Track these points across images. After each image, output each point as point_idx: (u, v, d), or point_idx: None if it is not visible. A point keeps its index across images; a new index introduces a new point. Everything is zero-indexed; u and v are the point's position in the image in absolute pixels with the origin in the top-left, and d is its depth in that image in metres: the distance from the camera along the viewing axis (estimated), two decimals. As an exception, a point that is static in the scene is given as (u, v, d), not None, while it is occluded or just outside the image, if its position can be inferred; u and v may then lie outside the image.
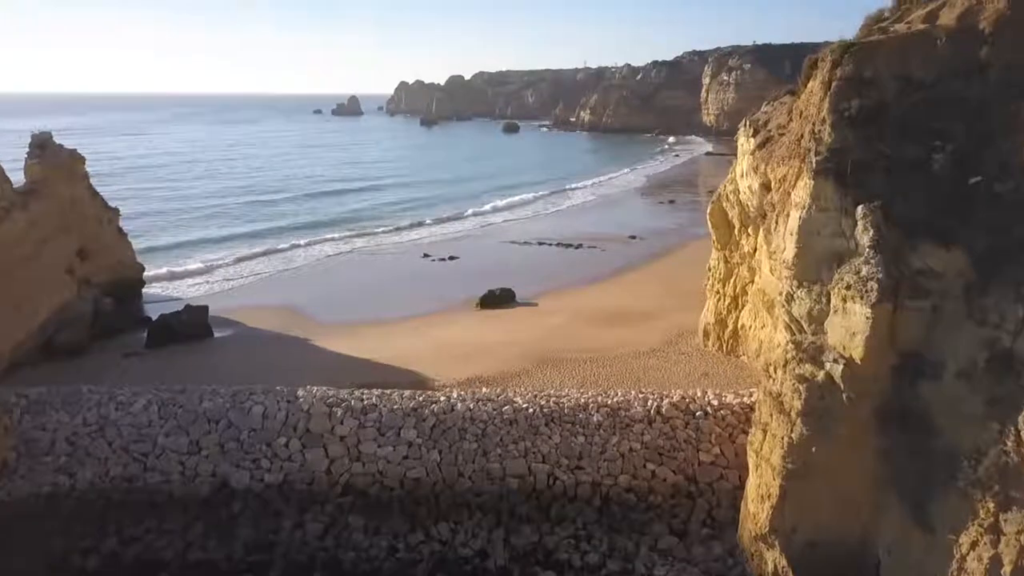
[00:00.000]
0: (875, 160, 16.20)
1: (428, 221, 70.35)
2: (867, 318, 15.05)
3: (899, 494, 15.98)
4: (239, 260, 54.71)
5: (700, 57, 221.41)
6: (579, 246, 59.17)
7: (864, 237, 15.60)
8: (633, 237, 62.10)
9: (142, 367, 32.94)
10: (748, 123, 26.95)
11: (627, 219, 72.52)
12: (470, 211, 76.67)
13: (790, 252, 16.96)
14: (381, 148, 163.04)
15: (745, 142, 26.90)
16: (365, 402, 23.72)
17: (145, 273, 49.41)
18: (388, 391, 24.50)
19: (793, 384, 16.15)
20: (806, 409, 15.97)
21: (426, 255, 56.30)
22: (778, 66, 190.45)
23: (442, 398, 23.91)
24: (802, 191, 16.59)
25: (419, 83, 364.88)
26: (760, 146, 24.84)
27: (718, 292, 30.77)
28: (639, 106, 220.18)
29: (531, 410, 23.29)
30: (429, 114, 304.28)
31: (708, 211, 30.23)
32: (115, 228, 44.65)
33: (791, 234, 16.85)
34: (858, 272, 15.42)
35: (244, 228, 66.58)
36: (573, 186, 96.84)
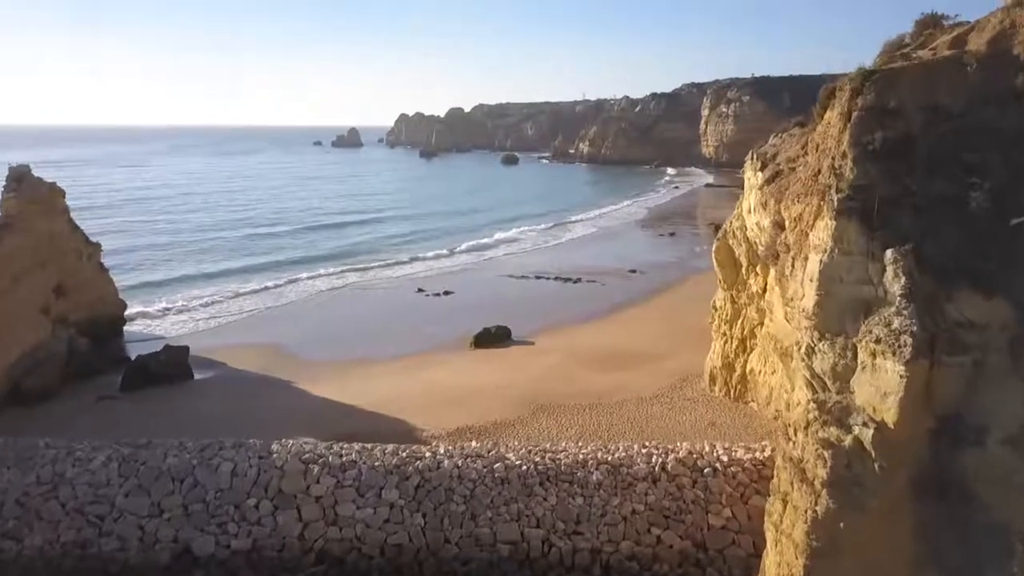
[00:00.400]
0: (903, 197, 14.58)
1: (424, 255, 68.68)
2: (900, 377, 13.26)
3: (939, 575, 14.10)
4: (229, 296, 52.95)
5: (699, 89, 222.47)
6: (578, 280, 57.53)
7: (894, 285, 13.89)
8: (633, 271, 60.49)
9: (114, 412, 31.05)
10: (755, 156, 25.44)
11: (627, 252, 71.01)
12: (467, 244, 75.18)
13: (810, 300, 15.24)
14: (380, 180, 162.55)
15: (752, 176, 25.36)
16: (344, 458, 21.79)
17: (131, 310, 47.77)
18: (369, 446, 22.57)
19: (817, 450, 14.30)
20: (832, 479, 14.10)
21: (420, 290, 54.62)
22: (777, 98, 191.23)
23: (428, 454, 21.97)
24: (822, 232, 14.96)
25: (419, 115, 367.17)
26: (769, 180, 23.29)
27: (725, 334, 28.99)
28: (638, 138, 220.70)
29: (525, 467, 21.36)
30: (429, 146, 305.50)
31: (714, 249, 28.59)
32: (96, 263, 43.00)
33: (811, 280, 15.16)
34: (889, 324, 13.68)
35: (238, 263, 64.85)
36: (572, 218, 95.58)
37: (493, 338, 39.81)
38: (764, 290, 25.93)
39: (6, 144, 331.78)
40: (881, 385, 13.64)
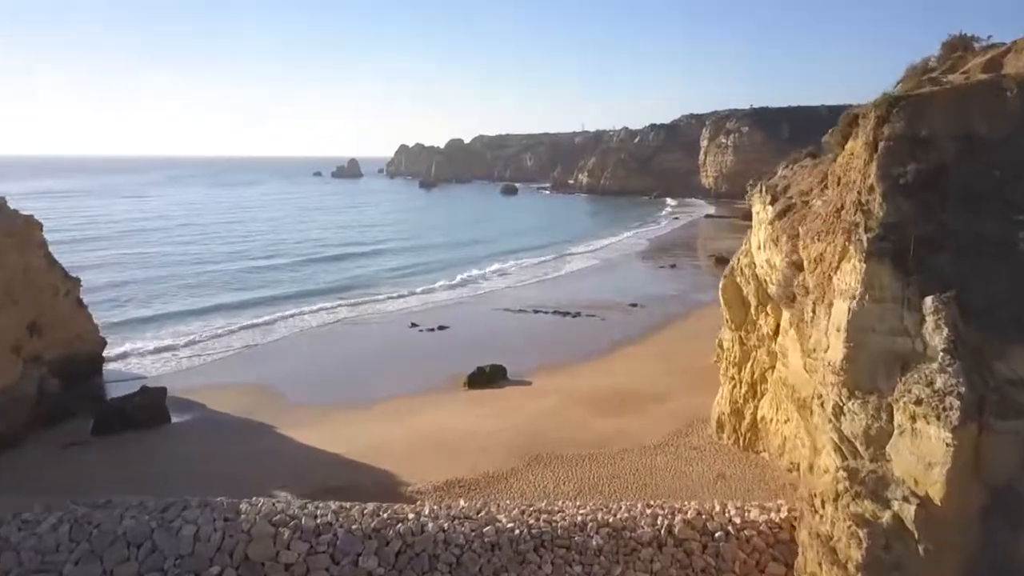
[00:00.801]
0: (941, 237, 12.89)
1: (420, 288, 66.80)
2: (947, 445, 11.45)
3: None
4: (217, 332, 50.99)
5: (697, 120, 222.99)
6: (577, 314, 55.72)
7: (935, 337, 12.14)
8: (634, 304, 58.72)
9: (80, 461, 29.06)
10: (764, 189, 23.84)
11: (627, 284, 69.31)
12: (465, 276, 73.49)
13: (837, 353, 13.48)
14: (379, 211, 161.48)
15: (761, 210, 23.74)
16: (319, 520, 19.76)
17: (115, 348, 46.03)
18: (348, 505, 20.56)
19: (849, 527, 12.41)
20: (868, 561, 12.21)
21: (414, 324, 52.78)
22: (775, 129, 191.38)
23: (411, 515, 19.95)
24: (849, 276, 13.27)
25: (419, 146, 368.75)
26: (780, 215, 21.66)
27: (733, 378, 27.12)
28: (637, 169, 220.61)
29: (517, 531, 19.34)
30: (428, 176, 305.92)
31: (720, 287, 26.87)
32: (74, 299, 41.25)
33: (837, 330, 13.43)
34: (931, 383, 11.90)
35: (230, 297, 62.84)
36: (572, 250, 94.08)
37: (487, 378, 37.91)
38: (776, 332, 24.17)
39: (5, 174, 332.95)
40: (924, 454, 11.80)
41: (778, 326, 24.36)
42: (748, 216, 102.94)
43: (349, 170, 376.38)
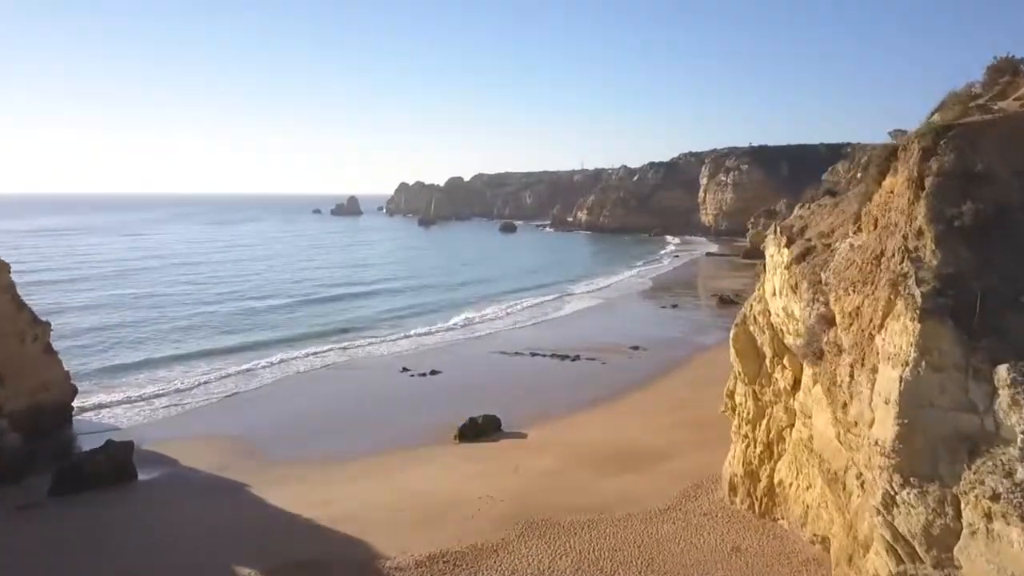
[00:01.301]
0: (1012, 292, 10.70)
1: (413, 332, 64.22)
2: (1036, 554, 9.07)
3: None
4: (200, 379, 48.47)
5: (696, 158, 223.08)
6: (576, 358, 53.31)
7: (1012, 415, 9.87)
8: (636, 348, 56.30)
9: (32, 527, 26.52)
10: (779, 230, 21.76)
11: (628, 326, 67.00)
12: (461, 317, 71.18)
13: (887, 431, 11.20)
14: (376, 250, 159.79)
15: (776, 253, 21.61)
16: (278, 609, 17.23)
17: (90, 396, 43.74)
18: (312, 590, 18.02)
19: (912, 652, 9.94)
20: None
21: (405, 369, 50.34)
22: (775, 167, 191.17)
23: (383, 605, 17.41)
24: (899, 338, 11.08)
25: (419, 184, 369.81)
26: (798, 259, 19.53)
27: (747, 436, 24.67)
28: (637, 206, 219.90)
29: (505, 625, 16.77)
30: (428, 214, 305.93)
31: (732, 336, 24.58)
32: (42, 346, 39.00)
33: (886, 402, 11.18)
34: (1009, 473, 9.60)
35: (219, 341, 60.14)
36: (571, 289, 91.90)
37: (480, 430, 35.38)
38: (794, 387, 21.85)
39: (5, 212, 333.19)
40: (1005, 563, 9.43)
41: (796, 381, 22.05)
42: (749, 254, 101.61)
43: (349, 208, 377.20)
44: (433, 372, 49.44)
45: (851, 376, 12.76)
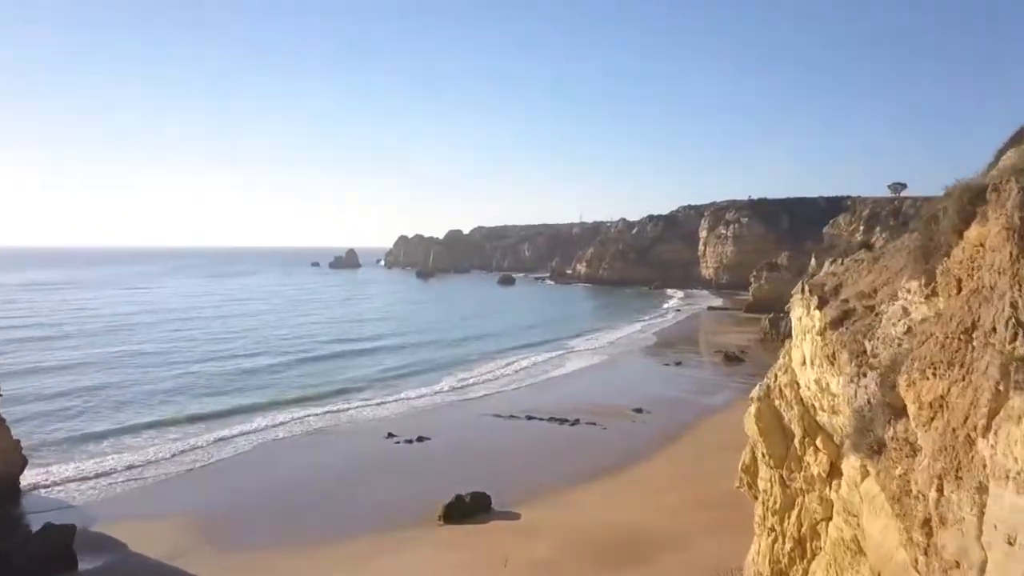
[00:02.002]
0: None
1: (403, 394, 60.26)
2: None
3: None
4: (170, 449, 44.55)
5: (696, 211, 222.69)
6: (575, 422, 49.74)
7: None
8: (639, 410, 52.73)
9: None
10: (808, 289, 18.74)
11: (631, 385, 63.54)
12: (454, 378, 67.51)
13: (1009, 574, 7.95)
14: (372, 304, 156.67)
15: (806, 316, 18.53)
16: None
17: (46, 470, 39.93)
18: None
19: None
20: None
21: (391, 435, 46.68)
22: (775, 220, 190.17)
23: None
24: (1020, 447, 7.98)
25: (419, 237, 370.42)
26: (835, 323, 16.46)
27: (773, 529, 21.09)
28: (636, 259, 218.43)
29: None
30: (426, 267, 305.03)
31: (752, 412, 21.27)
32: (-11, 413, 35.55)
33: (1009, 543, 7.97)
34: None
35: (198, 406, 55.44)
36: (571, 346, 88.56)
37: (468, 510, 31.69)
38: (830, 473, 18.50)
39: (2, 266, 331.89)
40: None
41: (833, 466, 18.71)
42: (751, 308, 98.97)
43: (347, 260, 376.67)
44: (420, 438, 45.78)
45: (939, 491, 9.62)
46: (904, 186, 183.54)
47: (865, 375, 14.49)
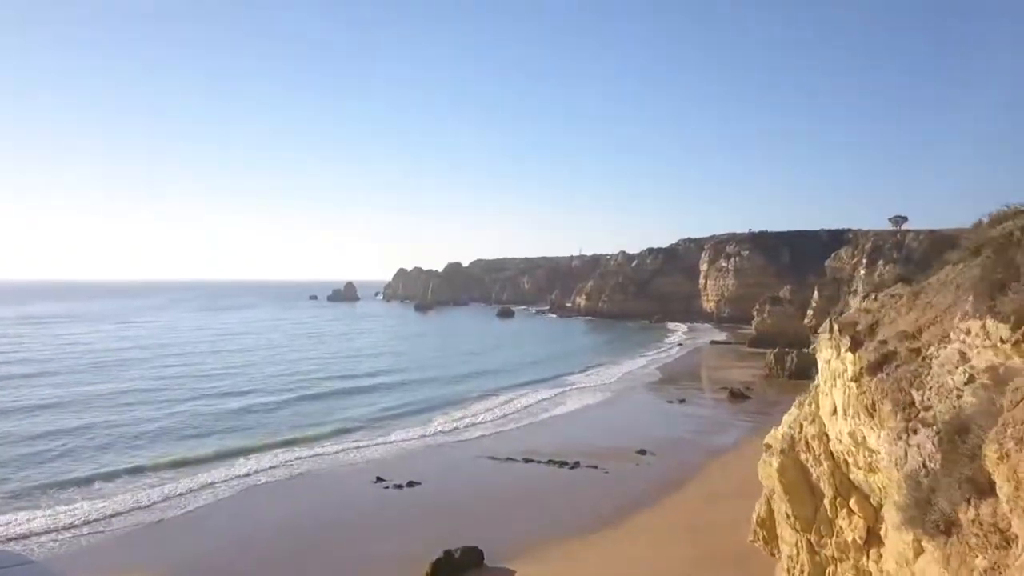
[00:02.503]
0: None
1: (394, 436, 57.35)
2: None
3: None
4: (148, 496, 41.77)
5: (696, 244, 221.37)
6: (575, 465, 47.08)
7: None
8: (643, 452, 50.10)
9: None
10: (838, 328, 16.58)
11: (634, 425, 60.93)
12: (449, 417, 64.86)
13: None
14: (371, 339, 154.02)
15: (836, 359, 16.35)
16: None
17: (12, 520, 37.30)
18: None
19: None
20: None
21: (379, 479, 44.02)
22: (776, 253, 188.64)
23: None
24: None
25: (418, 269, 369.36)
26: (873, 369, 14.31)
27: (801, 600, 18.60)
28: (636, 292, 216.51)
29: None
30: (424, 300, 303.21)
31: (776, 467, 18.95)
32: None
33: None
34: None
35: (185, 450, 52.10)
36: (572, 382, 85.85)
37: (458, 566, 29.01)
38: (867, 540, 16.16)
39: (3, 300, 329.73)
40: None
41: (871, 531, 16.37)
42: (755, 342, 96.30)
43: (346, 293, 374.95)
44: (411, 483, 43.10)
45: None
46: (905, 219, 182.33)
47: (916, 431, 12.29)
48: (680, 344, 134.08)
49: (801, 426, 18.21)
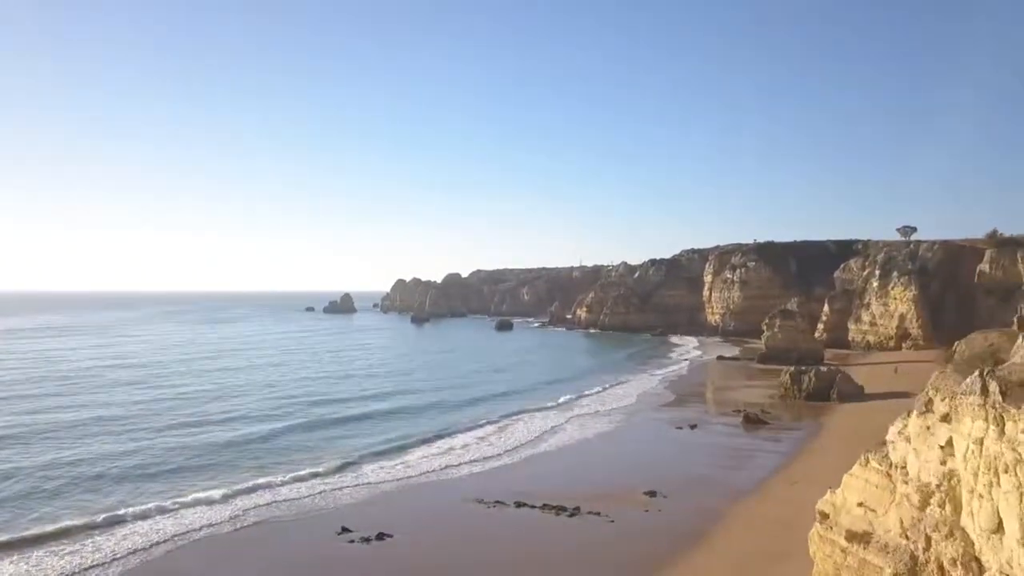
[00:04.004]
0: None
1: (371, 474, 49.84)
2: None
3: None
4: (68, 563, 35.02)
5: (699, 255, 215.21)
6: (575, 511, 40.43)
7: None
8: (652, 493, 43.50)
9: None
10: (998, 388, 10.14)
11: (640, 457, 54.47)
12: (432, 449, 58.03)
13: None
14: (363, 354, 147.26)
15: (998, 440, 9.90)
16: None
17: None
18: None
19: None
20: None
21: (345, 530, 37.36)
22: (783, 264, 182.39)
23: None
24: None
25: (416, 280, 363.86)
26: None
27: None
28: (638, 304, 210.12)
29: None
30: (421, 312, 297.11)
31: (813, 555, 12.39)
32: None
33: None
34: None
35: (138, 492, 45.59)
36: (572, 406, 78.96)
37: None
38: None
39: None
40: None
41: None
42: (765, 359, 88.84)
43: (342, 305, 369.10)
44: (381, 535, 36.43)
45: None
46: (914, 229, 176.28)
47: None
48: (686, 360, 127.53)
49: (927, 538, 11.71)
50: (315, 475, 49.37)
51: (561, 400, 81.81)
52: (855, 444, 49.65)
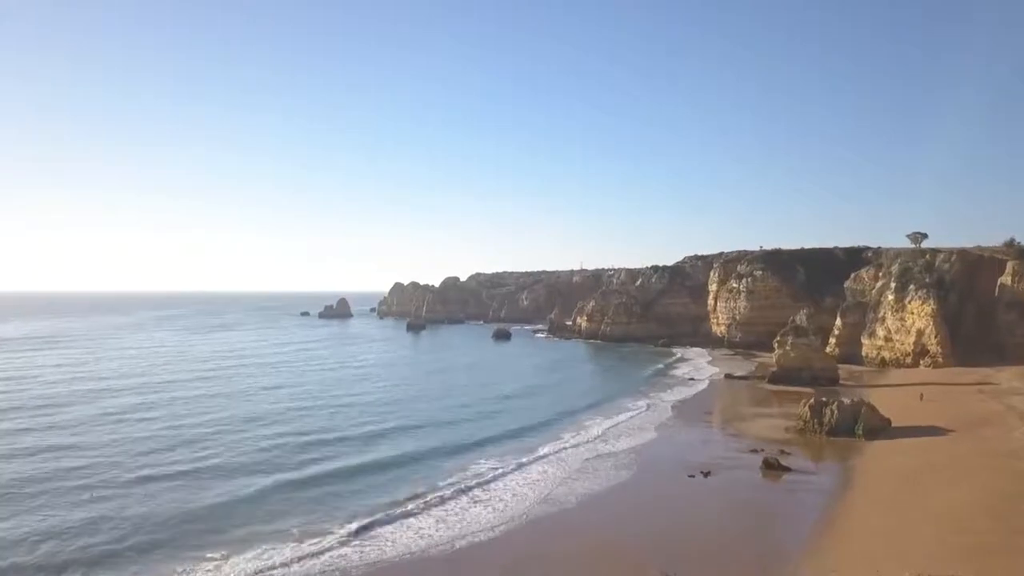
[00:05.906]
0: None
1: (344, 531, 44.48)
2: None
3: None
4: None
5: (703, 262, 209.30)
6: (577, 605, 34.12)
7: None
8: (666, 578, 37.20)
9: None
10: None
11: (649, 518, 48.09)
12: (418, 499, 51.90)
13: None
14: (352, 368, 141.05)
15: None
16: None
17: None
18: None
19: None
20: None
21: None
22: (791, 272, 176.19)
23: None
24: None
25: (413, 284, 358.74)
26: None
27: None
28: (640, 313, 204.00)
29: None
30: (417, 318, 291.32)
31: None
32: None
33: None
34: None
35: (79, 555, 39.52)
36: (569, 440, 72.71)
37: None
38: None
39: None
40: None
41: None
42: (777, 379, 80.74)
43: (338, 310, 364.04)
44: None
45: None
46: (925, 236, 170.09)
47: None
48: (691, 379, 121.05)
49: None
50: (282, 541, 42.85)
51: (558, 433, 75.41)
52: (893, 502, 42.51)
